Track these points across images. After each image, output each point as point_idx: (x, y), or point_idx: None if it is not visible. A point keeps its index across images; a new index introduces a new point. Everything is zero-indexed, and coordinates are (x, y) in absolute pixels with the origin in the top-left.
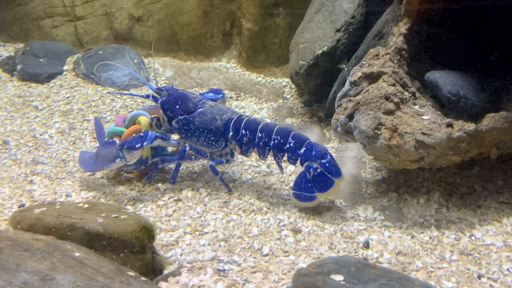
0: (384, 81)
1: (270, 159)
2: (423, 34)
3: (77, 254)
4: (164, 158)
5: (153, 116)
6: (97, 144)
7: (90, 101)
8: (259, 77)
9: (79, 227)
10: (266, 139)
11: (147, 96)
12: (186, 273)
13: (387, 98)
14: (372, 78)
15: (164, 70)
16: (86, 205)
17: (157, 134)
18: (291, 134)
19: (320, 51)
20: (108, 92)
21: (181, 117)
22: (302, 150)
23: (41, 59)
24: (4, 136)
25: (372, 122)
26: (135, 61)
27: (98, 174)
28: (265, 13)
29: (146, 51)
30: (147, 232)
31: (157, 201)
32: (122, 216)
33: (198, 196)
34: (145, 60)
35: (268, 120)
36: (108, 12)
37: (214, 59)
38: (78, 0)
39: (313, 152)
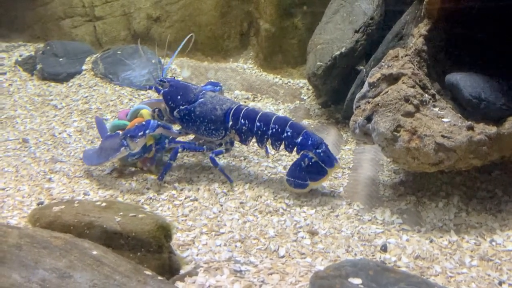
0: (403, 83)
1: (287, 160)
2: (444, 35)
3: (94, 253)
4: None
5: (154, 108)
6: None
7: (108, 101)
8: (276, 78)
9: (97, 225)
10: (264, 128)
11: (150, 88)
12: (203, 273)
13: (406, 100)
14: (391, 79)
15: (182, 70)
16: (104, 204)
17: (159, 122)
18: (289, 123)
19: (338, 52)
20: (110, 82)
21: (183, 107)
22: (299, 139)
23: (61, 59)
24: (24, 134)
25: (391, 124)
26: (153, 61)
27: (115, 173)
28: (282, 14)
29: (164, 51)
30: (164, 231)
31: (173, 201)
32: (140, 215)
33: (215, 196)
34: (163, 60)
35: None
36: (126, 12)
37: (231, 59)
38: (97, 0)
39: (309, 142)
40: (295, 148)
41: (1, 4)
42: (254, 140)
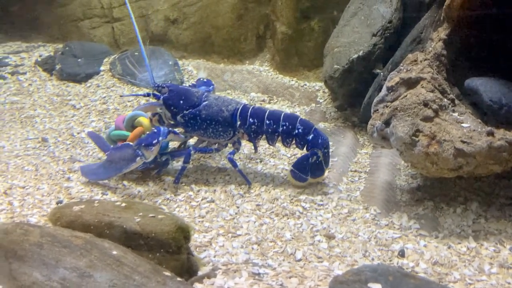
0: (422, 87)
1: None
2: (463, 40)
3: (114, 252)
4: (174, 154)
5: (153, 113)
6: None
7: (125, 101)
8: (292, 80)
9: (117, 225)
10: (274, 126)
11: (148, 95)
12: (221, 275)
13: (425, 105)
14: (410, 83)
15: (198, 72)
16: (123, 204)
17: (169, 129)
18: (298, 120)
19: (355, 56)
20: (121, 96)
21: (187, 112)
22: (311, 136)
23: (79, 59)
24: (43, 133)
25: (409, 129)
26: (170, 62)
27: (135, 174)
28: (299, 17)
29: (181, 53)
30: (183, 232)
31: (190, 202)
32: (159, 216)
33: (231, 198)
34: (180, 62)
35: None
36: (144, 14)
37: (248, 62)
38: (116, 2)
39: (320, 140)
40: (306, 145)
41: (22, 5)
42: (263, 138)
